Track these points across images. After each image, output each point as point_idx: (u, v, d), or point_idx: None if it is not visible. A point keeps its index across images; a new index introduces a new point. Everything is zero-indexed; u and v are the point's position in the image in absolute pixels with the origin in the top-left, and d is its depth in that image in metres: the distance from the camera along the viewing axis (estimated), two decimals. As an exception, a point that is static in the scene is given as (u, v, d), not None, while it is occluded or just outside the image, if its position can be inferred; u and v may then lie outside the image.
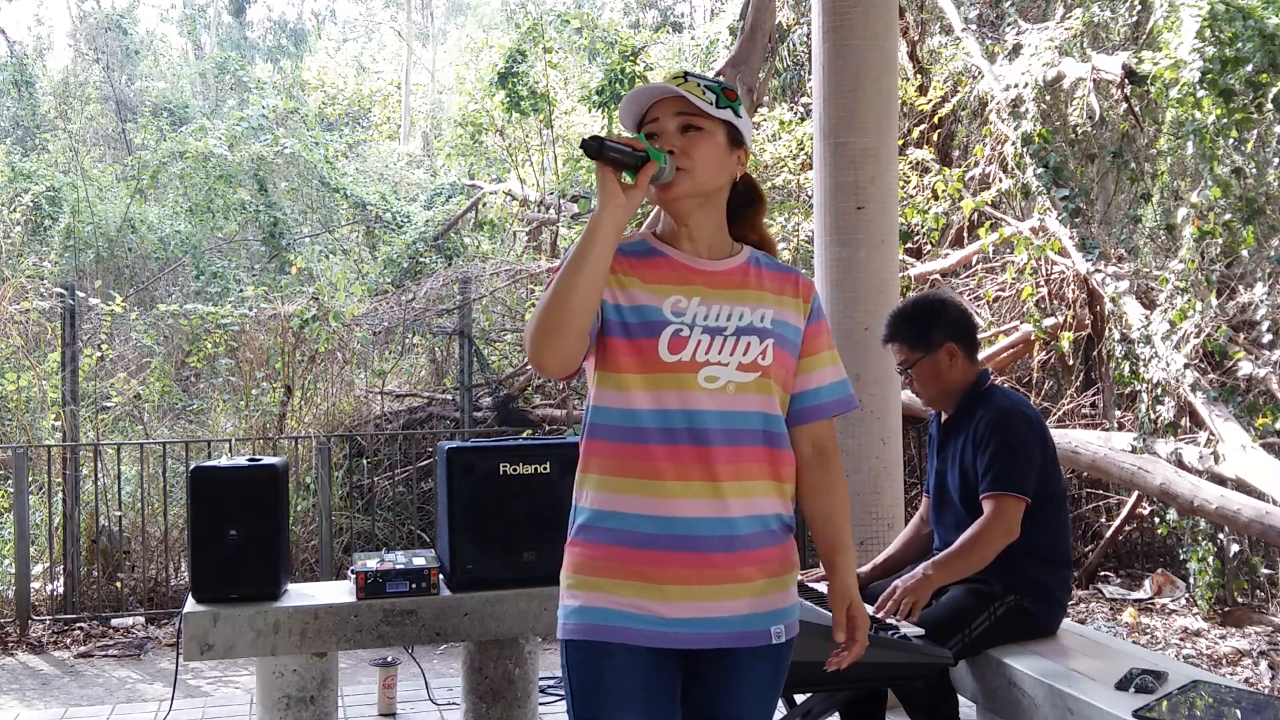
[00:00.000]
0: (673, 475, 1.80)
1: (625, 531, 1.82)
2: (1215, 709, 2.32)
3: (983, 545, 2.83)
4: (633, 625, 1.80)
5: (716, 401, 1.82)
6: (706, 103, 1.86)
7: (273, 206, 11.78)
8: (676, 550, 1.81)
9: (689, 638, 1.82)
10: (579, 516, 1.89)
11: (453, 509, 3.45)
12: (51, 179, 11.02)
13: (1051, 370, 7.37)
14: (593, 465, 1.88)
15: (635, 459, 1.82)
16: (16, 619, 5.72)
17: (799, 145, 8.46)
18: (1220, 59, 5.66)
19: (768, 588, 1.87)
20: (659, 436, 1.81)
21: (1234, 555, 5.55)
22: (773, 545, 1.88)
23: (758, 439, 1.86)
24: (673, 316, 1.84)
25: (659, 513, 1.80)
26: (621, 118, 1.92)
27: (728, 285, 1.90)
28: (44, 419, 7.09)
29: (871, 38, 4.04)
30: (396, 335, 8.05)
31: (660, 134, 1.87)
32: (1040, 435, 2.94)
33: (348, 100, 18.45)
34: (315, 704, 3.38)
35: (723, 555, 1.82)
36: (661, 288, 1.87)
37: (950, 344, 3.00)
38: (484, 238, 11.71)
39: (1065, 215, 6.59)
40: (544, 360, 1.77)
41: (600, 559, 1.84)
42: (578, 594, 1.85)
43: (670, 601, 1.81)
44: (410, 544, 6.73)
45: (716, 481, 1.81)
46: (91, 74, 14.79)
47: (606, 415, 1.86)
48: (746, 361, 1.85)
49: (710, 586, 1.82)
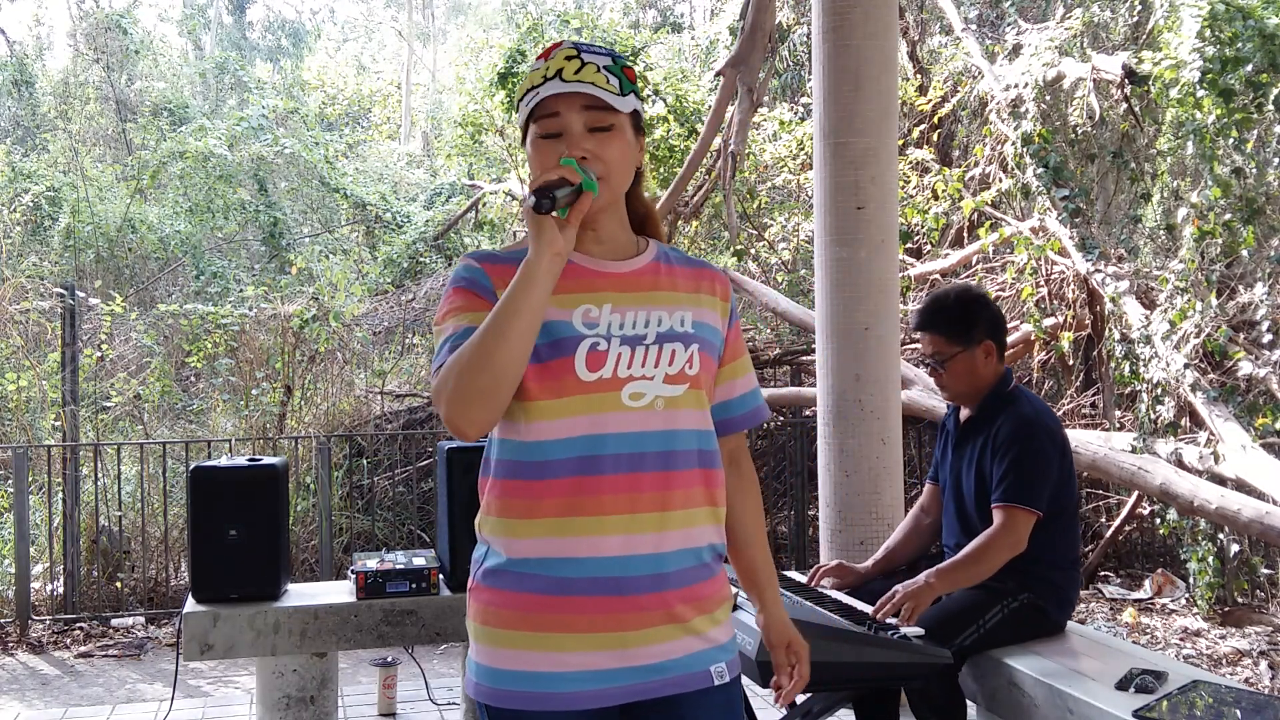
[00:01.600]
0: (593, 510, 1.57)
1: (541, 577, 1.58)
2: (1215, 709, 2.32)
3: (988, 557, 2.82)
4: (553, 689, 1.58)
5: (645, 422, 1.60)
6: (611, 92, 1.61)
7: (273, 206, 11.79)
8: (598, 595, 1.58)
9: (623, 691, 1.60)
10: (486, 560, 1.65)
11: (453, 509, 3.45)
12: (51, 179, 11.02)
13: (1051, 370, 7.38)
14: (498, 506, 1.63)
15: (550, 496, 1.58)
16: (16, 619, 5.72)
17: (799, 145, 8.47)
18: (1220, 59, 5.66)
19: (704, 624, 1.66)
20: (576, 468, 1.57)
21: (1234, 555, 5.55)
22: (706, 579, 1.67)
23: (693, 460, 1.64)
24: (585, 329, 1.60)
25: (577, 554, 1.58)
26: (520, 115, 1.67)
27: (638, 287, 1.66)
28: (44, 419, 7.09)
29: (871, 38, 4.04)
30: (396, 335, 8.06)
31: (564, 134, 1.61)
32: (1060, 447, 2.92)
33: (348, 100, 18.47)
34: (315, 704, 3.38)
35: (650, 596, 1.60)
36: (567, 297, 1.61)
37: (989, 341, 2.98)
38: (484, 238, 11.71)
39: (1065, 215, 6.59)
40: (465, 427, 1.51)
41: (511, 609, 1.60)
42: (486, 651, 1.63)
43: (597, 651, 1.58)
44: (410, 544, 6.74)
45: (644, 513, 1.59)
46: (91, 74, 14.79)
47: (513, 450, 1.62)
48: (673, 372, 1.63)
49: (638, 631, 1.60)
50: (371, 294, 9.07)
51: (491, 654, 1.62)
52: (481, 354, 1.49)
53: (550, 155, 1.60)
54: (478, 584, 1.66)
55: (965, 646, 2.80)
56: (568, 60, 1.61)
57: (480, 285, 1.63)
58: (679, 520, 1.62)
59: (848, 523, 4.04)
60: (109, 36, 14.29)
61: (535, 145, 1.64)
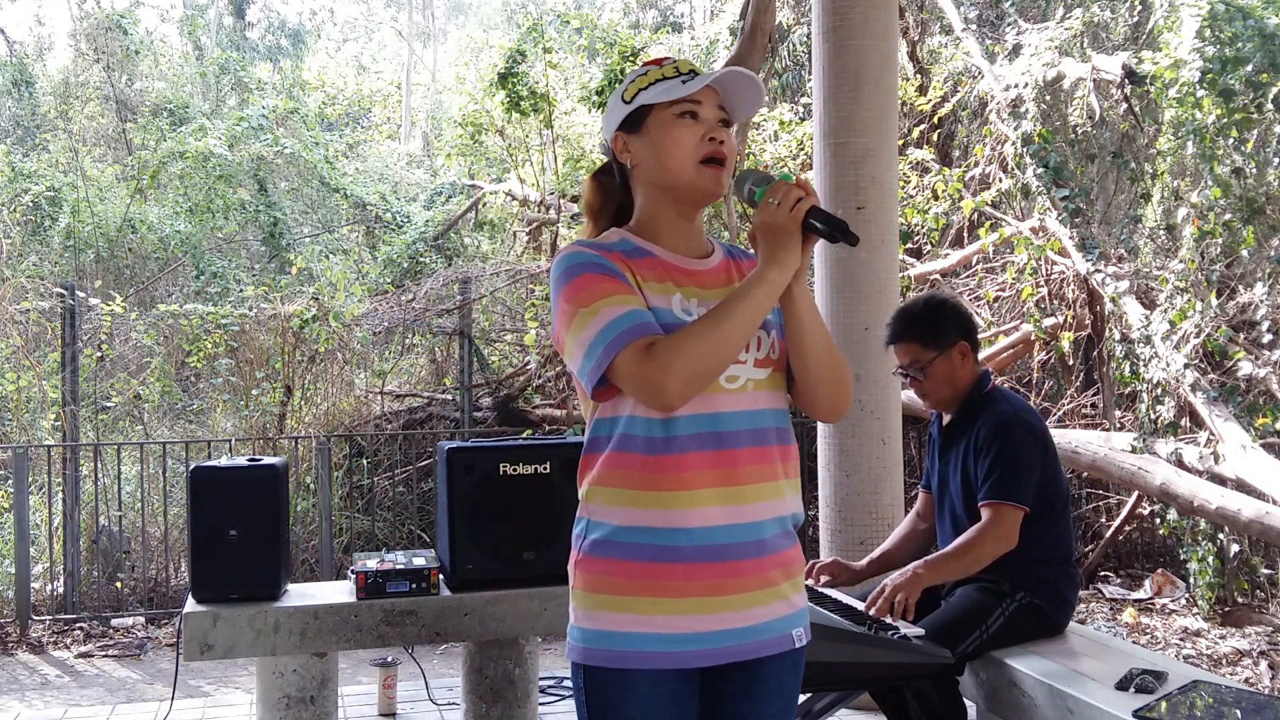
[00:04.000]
0: (696, 483, 1.71)
1: (648, 546, 1.71)
2: (1215, 709, 2.32)
3: (976, 550, 2.83)
4: (656, 649, 1.71)
5: (739, 402, 1.75)
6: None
7: (273, 206, 11.78)
8: (703, 561, 1.71)
9: (718, 653, 1.73)
10: (592, 532, 1.76)
11: (453, 509, 3.45)
12: (51, 179, 11.00)
13: (1051, 370, 7.37)
14: (606, 478, 1.76)
15: (661, 470, 1.71)
16: (16, 619, 5.72)
17: (799, 145, 8.47)
18: (1220, 59, 5.66)
19: (789, 589, 1.80)
20: (682, 444, 1.71)
21: (1234, 555, 5.55)
22: (791, 546, 1.81)
23: (773, 437, 1.79)
24: (684, 316, 1.75)
25: (683, 524, 1.70)
26: (726, 94, 1.80)
27: (717, 283, 1.82)
28: (44, 419, 7.09)
29: (871, 38, 4.04)
30: (396, 335, 8.05)
31: (701, 121, 1.78)
32: (1042, 442, 2.93)
33: (348, 100, 18.45)
34: (315, 704, 3.38)
35: (750, 561, 1.74)
36: (662, 287, 1.77)
37: (962, 342, 3.00)
38: (484, 238, 11.70)
39: (1065, 215, 6.59)
40: (678, 402, 1.67)
41: (621, 576, 1.72)
42: (596, 616, 1.74)
43: (699, 615, 1.71)
44: (410, 544, 6.74)
45: (741, 485, 1.73)
46: (92, 74, 14.77)
47: (625, 425, 1.74)
48: (761, 357, 1.78)
49: (739, 595, 1.73)
50: (371, 294, 9.05)
51: (596, 618, 1.74)
52: (719, 344, 1.65)
53: (687, 132, 1.77)
54: (584, 556, 1.77)
55: (968, 653, 2.81)
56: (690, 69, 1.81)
57: (607, 268, 1.74)
58: (770, 492, 1.77)
59: (847, 522, 4.04)
60: (109, 36, 14.27)
61: (669, 124, 1.78)
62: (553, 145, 10.80)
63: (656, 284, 1.76)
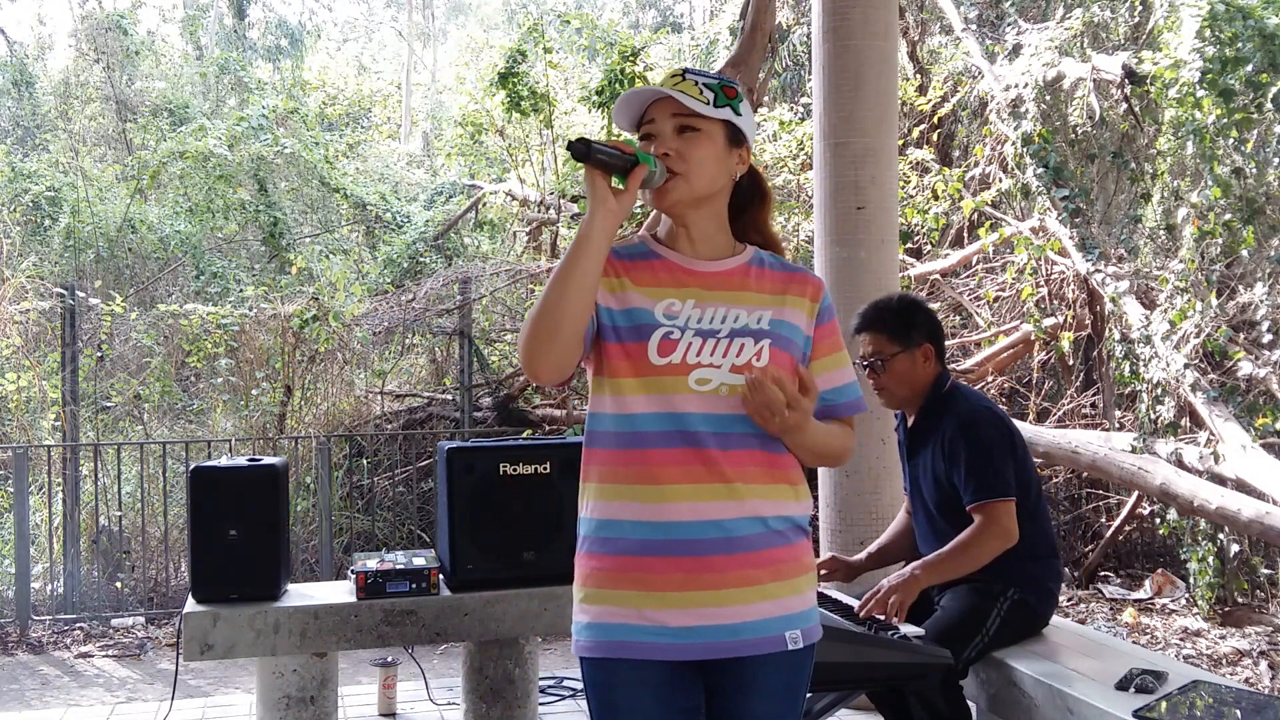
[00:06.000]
0: (666, 479, 1.78)
1: (624, 540, 1.79)
2: (1215, 709, 2.32)
3: (975, 550, 2.82)
4: (639, 639, 1.77)
5: (707, 404, 1.79)
6: (703, 102, 1.82)
7: (273, 206, 11.77)
8: (673, 555, 1.76)
9: (698, 648, 1.78)
10: (583, 528, 1.86)
11: (453, 509, 3.45)
12: (51, 179, 11.00)
13: (1051, 370, 7.37)
14: (591, 474, 1.86)
15: (629, 464, 1.80)
16: (16, 619, 5.72)
17: (799, 145, 8.46)
18: (1220, 59, 5.66)
19: (780, 590, 1.82)
20: (653, 440, 1.79)
21: (1234, 555, 5.55)
22: (780, 546, 1.83)
23: (752, 441, 1.82)
24: (664, 319, 1.81)
25: (654, 518, 1.77)
26: (617, 119, 1.88)
27: (725, 286, 1.87)
28: (44, 419, 7.09)
29: (871, 38, 4.04)
30: (396, 335, 8.05)
31: (657, 136, 1.84)
32: (1008, 434, 2.93)
33: (348, 100, 18.43)
34: (315, 704, 3.38)
35: (721, 558, 1.77)
36: (656, 290, 1.84)
37: (928, 345, 3.00)
38: (484, 238, 11.70)
39: (1065, 215, 6.59)
40: (536, 368, 1.77)
41: (604, 570, 1.81)
42: (587, 609, 1.82)
43: (673, 609, 1.76)
44: (410, 544, 6.74)
45: (709, 484, 1.78)
46: (92, 74, 14.76)
47: (602, 421, 1.84)
48: (739, 363, 1.81)
49: (712, 592, 1.77)
50: (371, 294, 9.04)
51: (586, 611, 1.82)
52: (544, 303, 1.73)
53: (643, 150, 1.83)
54: (580, 553, 1.87)
55: (972, 658, 2.81)
56: (672, 78, 1.86)
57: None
58: (741, 493, 1.80)
59: (847, 522, 4.05)
60: (110, 36, 14.27)
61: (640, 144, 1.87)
62: (553, 145, 10.80)
63: (649, 287, 1.85)
